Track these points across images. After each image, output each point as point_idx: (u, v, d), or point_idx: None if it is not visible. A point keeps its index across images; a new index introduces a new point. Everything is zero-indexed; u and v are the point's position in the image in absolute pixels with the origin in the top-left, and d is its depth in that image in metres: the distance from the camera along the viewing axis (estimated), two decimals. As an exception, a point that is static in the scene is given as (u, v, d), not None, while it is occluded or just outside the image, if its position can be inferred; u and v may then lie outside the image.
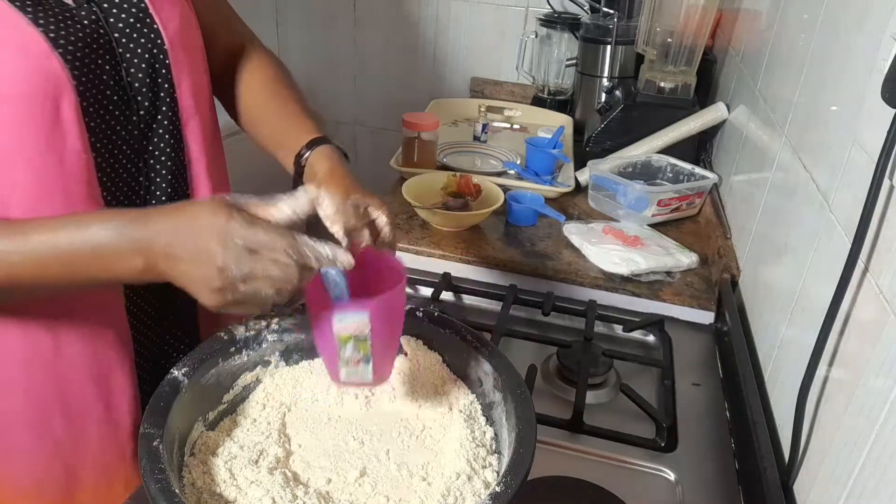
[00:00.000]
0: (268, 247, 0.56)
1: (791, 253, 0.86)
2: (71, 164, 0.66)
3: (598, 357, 0.96)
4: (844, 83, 0.78)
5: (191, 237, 0.56)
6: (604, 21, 1.62)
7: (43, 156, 0.65)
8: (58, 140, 0.65)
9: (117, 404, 0.76)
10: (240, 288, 0.56)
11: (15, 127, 0.63)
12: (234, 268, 0.55)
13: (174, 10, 0.74)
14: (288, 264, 0.56)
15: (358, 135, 2.24)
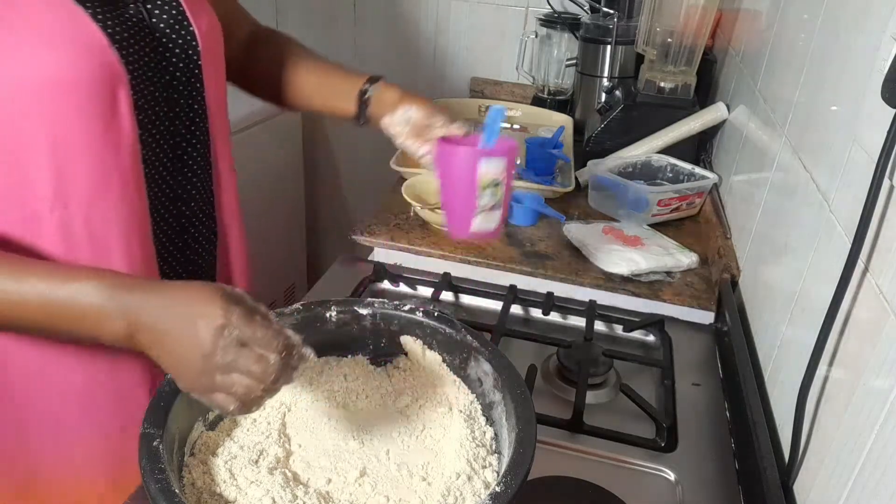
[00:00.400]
0: (260, 343, 0.57)
1: (791, 253, 0.86)
2: (125, 155, 0.70)
3: (598, 357, 0.96)
4: (844, 83, 0.78)
5: (184, 321, 0.57)
6: (604, 21, 1.62)
7: (102, 145, 0.68)
8: (115, 131, 0.68)
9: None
10: (216, 377, 0.57)
11: (77, 116, 0.66)
12: (219, 356, 0.56)
13: (204, 15, 0.79)
14: (272, 363, 0.56)
15: (358, 135, 2.23)
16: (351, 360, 0.78)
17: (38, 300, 0.60)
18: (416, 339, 0.77)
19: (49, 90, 0.64)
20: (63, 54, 0.64)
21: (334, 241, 2.44)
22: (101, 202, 0.70)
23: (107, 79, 0.66)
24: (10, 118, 0.63)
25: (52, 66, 0.63)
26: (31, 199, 0.67)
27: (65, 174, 0.67)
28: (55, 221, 0.68)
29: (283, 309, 0.75)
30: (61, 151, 0.66)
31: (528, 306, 1.11)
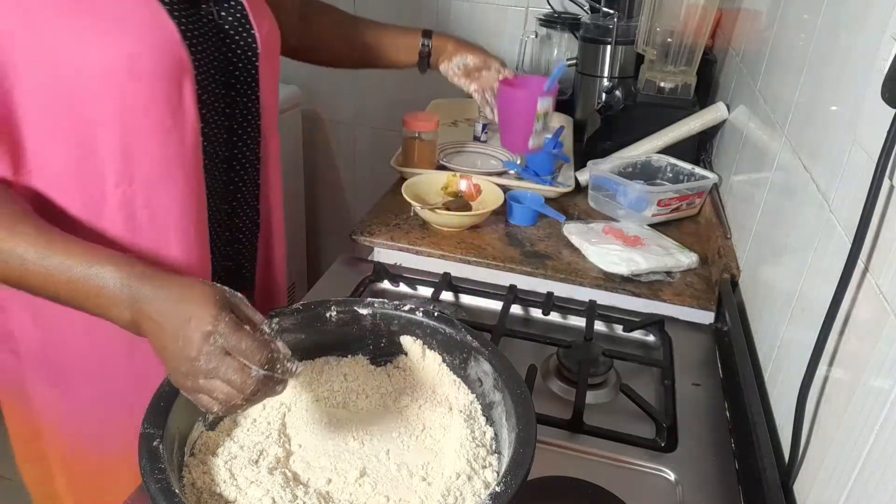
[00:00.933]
0: (243, 355, 0.58)
1: (791, 253, 0.86)
2: (189, 143, 0.76)
3: (598, 357, 0.96)
4: (844, 83, 0.78)
5: (179, 318, 0.59)
6: (604, 21, 1.61)
7: (167, 131, 0.74)
8: (179, 119, 0.74)
9: None
10: (199, 380, 0.59)
11: (146, 102, 0.72)
12: (203, 361, 0.58)
13: (265, 20, 0.86)
14: (252, 376, 0.58)
15: (358, 135, 2.24)
16: (351, 360, 0.78)
17: (63, 276, 0.64)
18: (416, 339, 0.77)
19: (124, 77, 0.69)
20: (140, 46, 0.69)
21: (334, 241, 2.44)
22: (162, 184, 0.75)
23: (176, 71, 0.72)
24: (87, 98, 0.69)
25: (130, 56, 0.69)
26: (99, 175, 0.73)
27: (131, 154, 0.73)
28: (118, 197, 0.74)
29: (282, 308, 0.75)
30: (130, 133, 0.72)
31: (528, 306, 1.11)
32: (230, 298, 0.61)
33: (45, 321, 0.81)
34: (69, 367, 0.84)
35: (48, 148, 0.71)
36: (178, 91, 0.73)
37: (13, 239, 0.65)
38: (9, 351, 0.84)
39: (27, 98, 0.68)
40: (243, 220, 0.92)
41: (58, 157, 0.71)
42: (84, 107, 0.69)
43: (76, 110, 0.69)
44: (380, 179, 1.60)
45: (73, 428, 0.88)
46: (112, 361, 0.84)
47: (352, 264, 1.20)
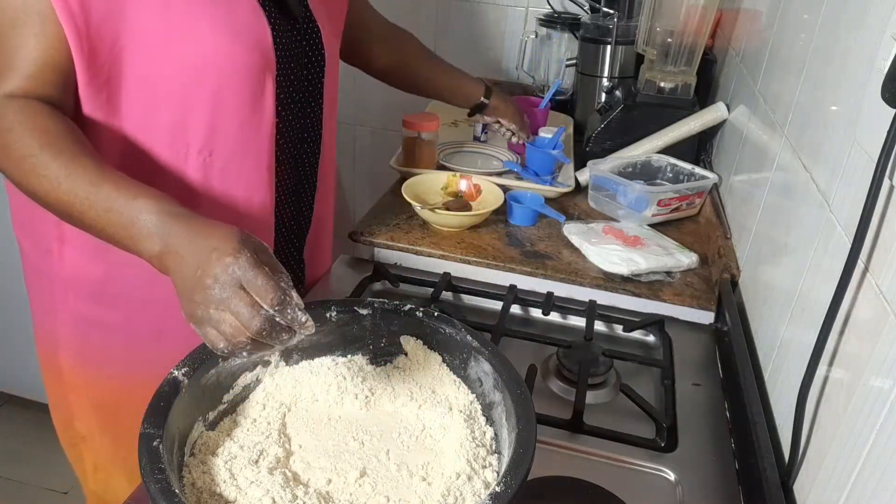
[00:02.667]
0: (256, 291, 0.59)
1: (791, 253, 0.86)
2: (265, 132, 0.88)
3: (598, 357, 0.96)
4: (844, 83, 0.78)
5: (203, 250, 0.62)
6: (604, 21, 1.61)
7: (249, 119, 0.86)
8: (259, 110, 0.86)
9: None
10: (210, 309, 0.59)
11: (234, 91, 0.83)
12: (217, 289, 0.59)
13: (330, 29, 0.98)
14: (260, 314, 0.59)
15: (358, 135, 2.23)
16: (351, 360, 0.78)
17: (105, 204, 0.69)
18: (416, 339, 0.77)
19: (219, 68, 0.81)
20: (241, 43, 0.82)
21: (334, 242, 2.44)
22: (237, 160, 0.87)
23: (262, 67, 0.84)
24: (191, 76, 0.81)
25: (228, 52, 0.81)
26: (186, 139, 0.84)
27: (216, 130, 0.84)
28: (200, 161, 0.85)
29: None
30: (217, 112, 0.83)
31: (528, 306, 1.11)
32: (256, 241, 0.64)
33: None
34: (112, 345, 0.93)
35: (148, 103, 0.81)
36: (261, 85, 0.85)
37: (72, 165, 0.71)
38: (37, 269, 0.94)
39: (138, 58, 0.78)
40: (294, 216, 1.03)
41: (156, 113, 0.81)
42: (186, 82, 0.80)
43: (179, 83, 0.80)
44: (380, 179, 1.60)
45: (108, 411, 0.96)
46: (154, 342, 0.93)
47: (352, 264, 1.20)
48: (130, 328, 0.94)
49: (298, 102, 0.95)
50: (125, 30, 0.76)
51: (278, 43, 0.86)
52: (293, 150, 0.98)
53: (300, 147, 0.99)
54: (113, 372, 0.95)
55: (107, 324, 0.93)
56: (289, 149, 0.97)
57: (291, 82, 0.92)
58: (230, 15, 0.81)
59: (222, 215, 0.84)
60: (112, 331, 0.93)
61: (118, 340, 0.94)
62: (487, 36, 1.98)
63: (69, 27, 0.73)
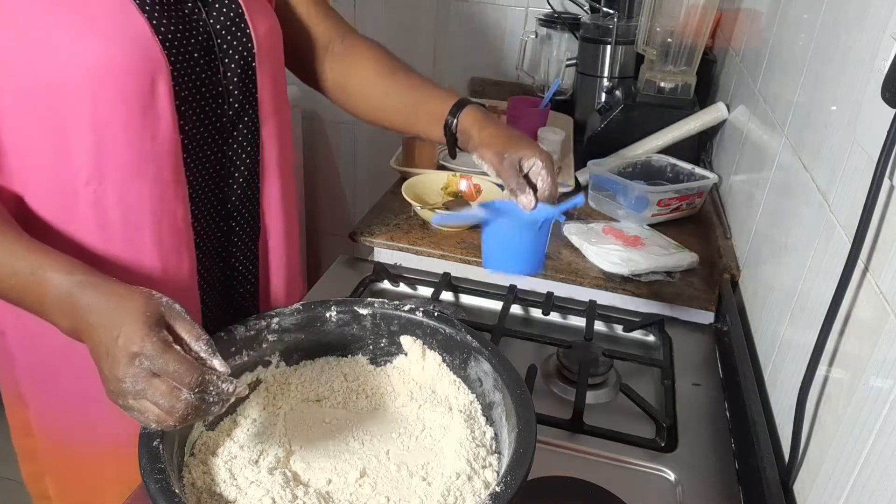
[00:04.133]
0: (172, 377, 0.56)
1: (791, 253, 0.86)
2: (162, 142, 0.73)
3: (598, 357, 0.96)
4: (844, 83, 0.78)
5: (109, 334, 0.58)
6: (604, 21, 1.61)
7: (139, 131, 0.72)
8: (152, 118, 0.72)
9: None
10: (129, 400, 0.57)
11: (116, 102, 0.70)
12: (129, 383, 0.56)
13: (264, 18, 0.81)
14: (181, 399, 0.56)
15: (358, 135, 2.23)
16: (351, 360, 0.78)
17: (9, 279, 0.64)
18: (416, 339, 0.77)
19: (93, 75, 0.68)
20: (109, 43, 0.68)
21: (334, 241, 2.44)
22: (135, 181, 0.73)
23: (146, 67, 0.70)
24: (57, 98, 0.68)
25: (98, 54, 0.67)
26: (71, 172, 0.71)
27: (102, 153, 0.71)
28: (89, 195, 0.72)
29: (282, 309, 0.75)
30: (101, 131, 0.70)
31: (528, 306, 1.11)
32: (165, 312, 0.59)
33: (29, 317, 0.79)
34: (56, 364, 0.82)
35: (23, 147, 0.70)
36: (150, 89, 0.71)
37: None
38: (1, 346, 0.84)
39: (3, 98, 0.68)
40: (241, 226, 0.87)
41: (33, 156, 0.71)
42: (58, 104, 0.69)
43: (51, 108, 0.69)
44: (380, 179, 1.60)
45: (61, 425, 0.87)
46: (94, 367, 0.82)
47: (352, 264, 1.20)
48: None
49: (214, 100, 0.78)
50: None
51: (165, 32, 0.72)
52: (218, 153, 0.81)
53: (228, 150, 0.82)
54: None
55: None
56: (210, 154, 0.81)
57: (200, 77, 0.76)
58: (81, 12, 0.67)
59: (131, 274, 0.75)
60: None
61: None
62: (487, 36, 1.98)
63: None
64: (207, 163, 0.81)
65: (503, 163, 0.79)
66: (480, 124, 0.85)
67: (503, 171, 0.79)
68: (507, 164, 0.79)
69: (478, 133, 0.84)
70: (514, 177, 0.78)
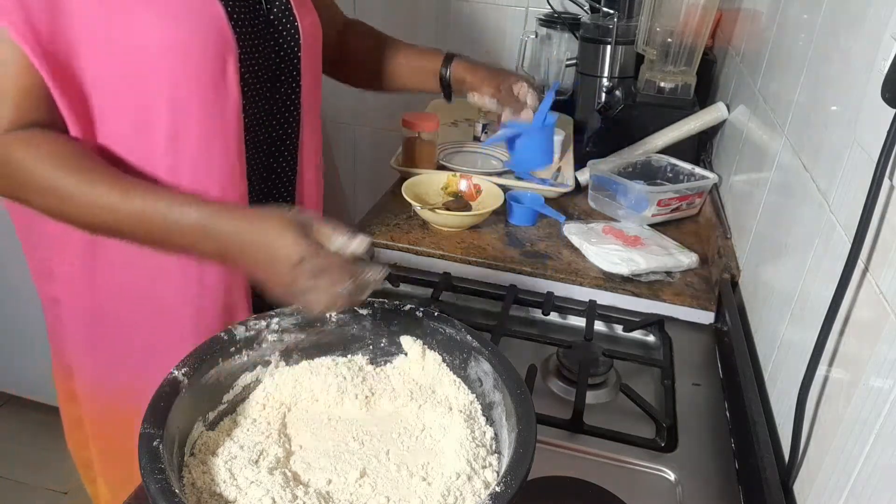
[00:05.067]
0: (330, 274, 0.66)
1: (791, 253, 0.86)
2: (230, 118, 0.81)
3: (598, 357, 0.96)
4: (844, 83, 0.78)
5: (269, 251, 0.67)
6: (604, 21, 1.61)
7: (210, 105, 0.79)
8: (222, 94, 0.80)
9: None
10: (298, 297, 0.68)
11: (193, 77, 0.77)
12: (299, 284, 0.66)
13: (308, 14, 0.91)
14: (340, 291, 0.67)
15: (358, 135, 2.23)
16: (351, 360, 0.78)
17: (157, 217, 0.71)
18: (416, 339, 0.77)
19: (172, 54, 0.75)
20: (186, 24, 0.75)
21: (334, 241, 2.44)
22: (206, 152, 0.81)
23: (220, 48, 0.77)
24: (139, 76, 0.75)
25: (177, 34, 0.74)
26: (150, 140, 0.78)
27: (179, 123, 0.78)
28: (167, 161, 0.79)
29: (282, 309, 0.75)
30: (177, 104, 0.77)
31: (528, 306, 1.11)
32: (304, 222, 0.67)
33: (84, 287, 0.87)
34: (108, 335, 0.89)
35: (110, 114, 0.77)
36: (222, 67, 0.78)
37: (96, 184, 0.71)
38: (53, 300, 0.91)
39: (94, 71, 0.74)
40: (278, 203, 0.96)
41: (118, 123, 0.78)
42: (140, 81, 0.75)
43: (134, 84, 0.75)
44: (380, 179, 1.60)
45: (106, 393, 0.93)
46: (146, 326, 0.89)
47: (352, 264, 1.20)
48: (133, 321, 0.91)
49: (267, 83, 0.88)
50: (73, 35, 0.72)
51: (237, 18, 0.80)
52: (266, 136, 0.91)
53: (275, 134, 0.92)
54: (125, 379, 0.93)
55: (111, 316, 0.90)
56: (262, 135, 0.90)
57: (258, 62, 0.85)
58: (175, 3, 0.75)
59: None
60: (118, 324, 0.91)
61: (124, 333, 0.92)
62: (487, 36, 1.98)
63: (25, 44, 0.70)
64: (260, 146, 0.89)
65: (502, 93, 1.05)
66: (471, 70, 1.09)
67: (504, 98, 1.05)
68: (505, 93, 1.05)
69: (471, 77, 1.08)
70: (513, 100, 1.05)
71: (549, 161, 1.15)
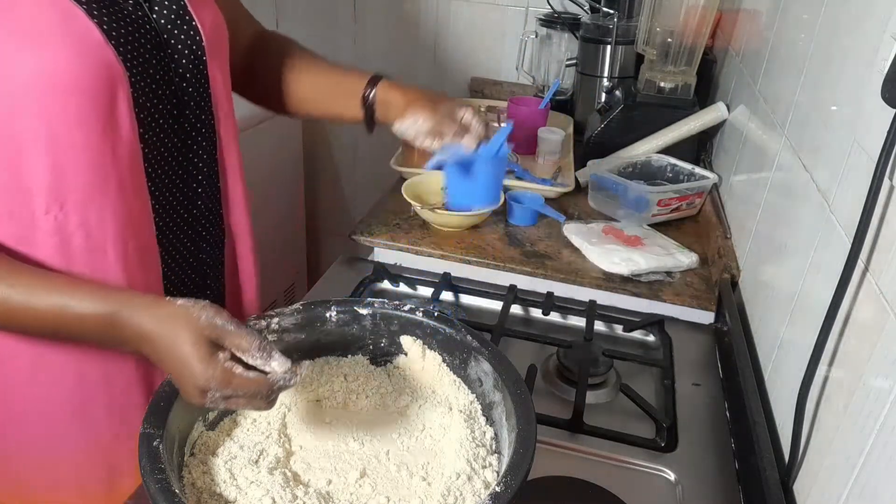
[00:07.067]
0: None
1: (791, 253, 0.86)
2: (124, 154, 0.69)
3: (598, 357, 0.96)
4: (844, 83, 0.78)
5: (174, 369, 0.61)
6: (604, 21, 1.61)
7: (99, 145, 0.67)
8: (112, 130, 0.67)
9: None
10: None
11: (74, 114, 0.65)
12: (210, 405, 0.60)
13: (208, 10, 0.77)
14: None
15: (358, 135, 2.23)
16: (351, 360, 0.78)
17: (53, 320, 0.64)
18: (416, 339, 0.77)
19: (45, 89, 0.63)
20: (58, 53, 0.62)
21: (334, 241, 2.44)
22: (97, 201, 0.69)
23: (104, 77, 0.65)
24: (7, 118, 0.63)
25: (48, 66, 0.62)
26: (26, 201, 0.67)
27: (61, 174, 0.66)
28: (50, 222, 0.68)
29: (282, 309, 0.75)
30: (58, 150, 0.65)
31: (528, 306, 1.11)
32: (211, 335, 0.60)
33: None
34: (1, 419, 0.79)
35: None
36: (108, 99, 0.66)
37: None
38: None
39: None
40: (207, 229, 0.84)
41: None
42: (6, 127, 0.63)
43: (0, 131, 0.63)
44: (380, 179, 1.59)
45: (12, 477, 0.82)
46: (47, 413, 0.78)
47: (352, 264, 1.20)
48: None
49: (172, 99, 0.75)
50: None
51: (117, 36, 0.66)
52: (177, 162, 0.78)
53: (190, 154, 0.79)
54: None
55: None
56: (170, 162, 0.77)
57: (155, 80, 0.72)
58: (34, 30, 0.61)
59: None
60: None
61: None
62: (487, 36, 1.98)
63: None
64: (169, 169, 0.77)
65: (439, 116, 0.86)
66: (402, 91, 0.91)
67: (440, 122, 0.86)
68: (442, 116, 0.86)
69: (402, 98, 0.90)
70: (452, 125, 0.87)
71: (496, 201, 1.02)
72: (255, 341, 0.61)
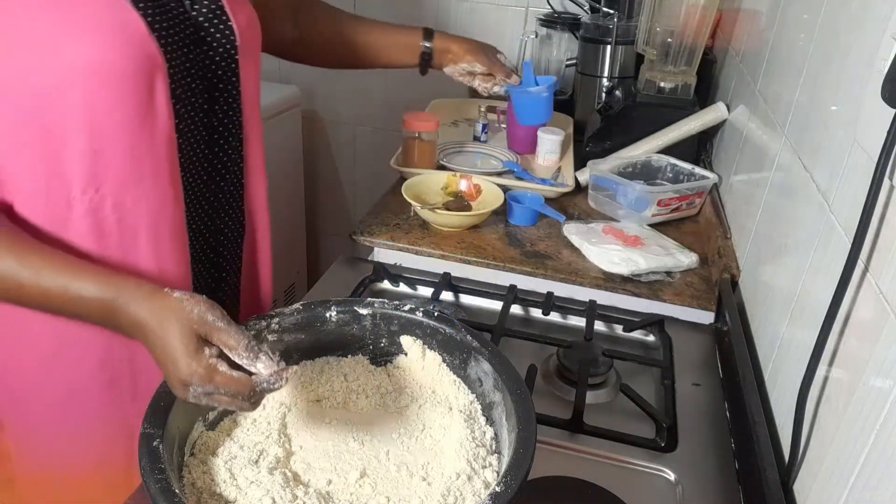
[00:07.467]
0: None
1: (791, 253, 0.86)
2: (160, 143, 0.72)
3: (598, 357, 0.96)
4: (844, 83, 0.78)
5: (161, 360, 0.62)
6: (604, 21, 1.61)
7: (137, 131, 0.70)
8: (150, 119, 0.70)
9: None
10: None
11: (114, 103, 0.67)
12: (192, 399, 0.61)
13: (244, 11, 0.81)
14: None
15: (358, 135, 2.23)
16: (351, 360, 0.78)
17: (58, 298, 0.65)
18: (416, 339, 0.77)
19: (89, 75, 0.65)
20: (103, 41, 0.65)
21: (334, 241, 2.44)
22: (132, 187, 0.72)
23: (145, 66, 0.68)
24: (52, 103, 0.65)
25: (93, 53, 0.65)
26: (64, 182, 0.69)
27: (99, 158, 0.69)
28: (85, 204, 0.70)
29: (282, 309, 0.75)
30: (98, 136, 0.68)
31: (528, 306, 1.11)
32: (200, 330, 0.61)
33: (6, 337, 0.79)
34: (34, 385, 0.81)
35: (13, 158, 0.68)
36: (148, 88, 0.69)
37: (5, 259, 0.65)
38: None
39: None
40: (227, 224, 0.87)
41: (23, 167, 0.68)
42: (48, 112, 0.66)
43: (40, 116, 0.66)
44: (380, 179, 1.59)
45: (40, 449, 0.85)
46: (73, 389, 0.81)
47: (352, 264, 1.20)
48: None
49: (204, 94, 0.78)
50: None
51: (160, 28, 0.70)
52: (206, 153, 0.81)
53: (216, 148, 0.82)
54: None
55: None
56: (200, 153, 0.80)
57: (191, 73, 0.75)
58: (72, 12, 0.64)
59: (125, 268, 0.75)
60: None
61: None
62: (487, 36, 1.97)
63: None
64: (198, 162, 0.80)
65: (493, 60, 1.20)
66: (457, 41, 1.18)
67: (495, 66, 1.20)
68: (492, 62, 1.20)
69: (457, 46, 1.17)
70: (503, 68, 1.21)
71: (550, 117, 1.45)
72: (244, 340, 0.61)
